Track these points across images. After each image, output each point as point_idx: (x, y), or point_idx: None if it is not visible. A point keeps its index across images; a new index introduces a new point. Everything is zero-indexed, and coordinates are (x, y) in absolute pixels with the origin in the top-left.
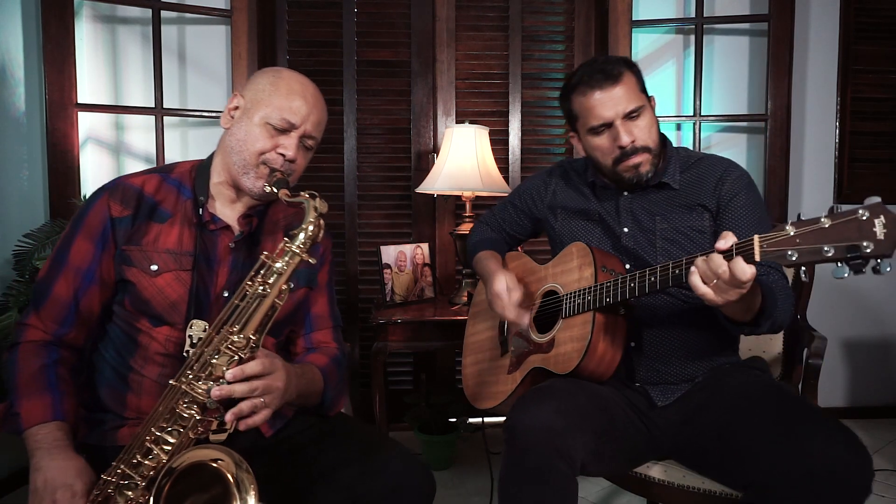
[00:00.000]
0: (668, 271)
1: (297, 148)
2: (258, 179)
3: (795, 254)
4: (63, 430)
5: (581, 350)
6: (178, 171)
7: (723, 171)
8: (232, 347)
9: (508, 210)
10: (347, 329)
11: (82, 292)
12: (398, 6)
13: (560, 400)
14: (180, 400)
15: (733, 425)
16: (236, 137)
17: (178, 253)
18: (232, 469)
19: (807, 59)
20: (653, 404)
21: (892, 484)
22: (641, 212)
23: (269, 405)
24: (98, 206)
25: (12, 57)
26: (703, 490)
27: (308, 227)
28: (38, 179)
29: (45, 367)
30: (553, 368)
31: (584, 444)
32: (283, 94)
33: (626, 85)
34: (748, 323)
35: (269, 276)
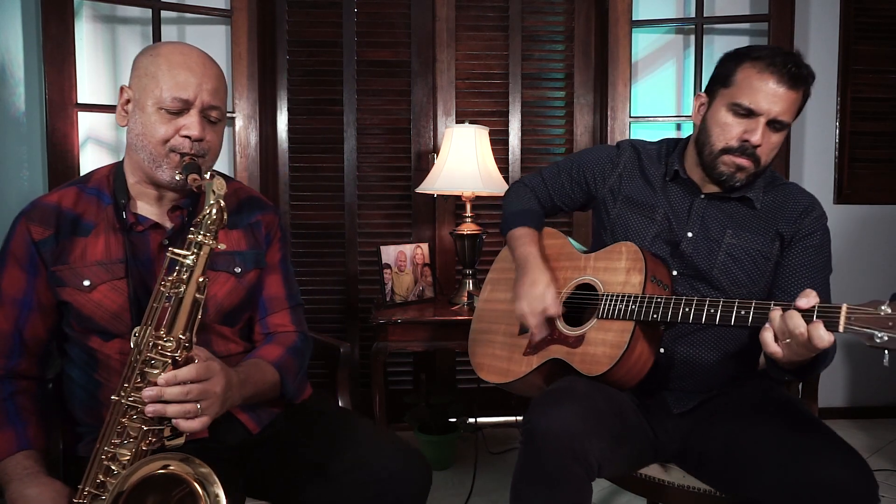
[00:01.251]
0: (733, 311)
1: (201, 124)
2: (172, 169)
3: (885, 336)
4: (32, 457)
5: (614, 357)
6: (95, 179)
7: (808, 204)
8: (164, 352)
9: (562, 179)
10: (347, 329)
11: (23, 322)
12: (398, 6)
13: (580, 403)
14: (126, 413)
15: (740, 437)
16: (135, 132)
17: (108, 262)
18: (186, 469)
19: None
20: (669, 411)
21: (892, 484)
22: (713, 220)
23: (206, 411)
24: (18, 233)
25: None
26: (703, 491)
27: (210, 211)
28: (38, 179)
29: (3, 402)
30: (577, 366)
31: (600, 448)
32: (165, 71)
33: (798, 97)
34: (793, 372)
35: (182, 272)
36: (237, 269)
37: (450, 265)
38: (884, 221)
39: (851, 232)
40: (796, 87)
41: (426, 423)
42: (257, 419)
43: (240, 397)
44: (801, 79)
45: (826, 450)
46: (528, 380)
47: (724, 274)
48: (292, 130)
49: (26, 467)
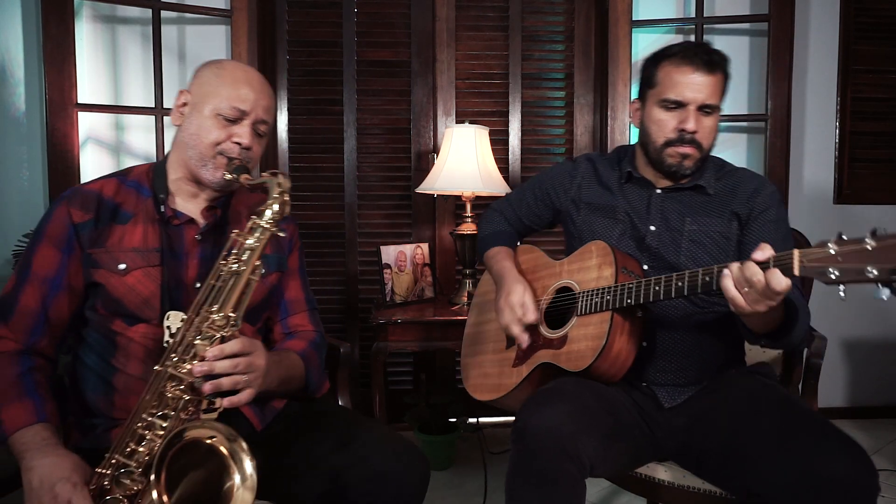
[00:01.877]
0: (698, 277)
1: (251, 135)
2: (217, 170)
3: (836, 272)
4: (49, 430)
5: (596, 349)
6: (134, 174)
7: (759, 184)
8: (212, 327)
9: (527, 199)
10: (347, 329)
11: (50, 300)
12: (398, 6)
13: (570, 402)
14: (167, 383)
15: (737, 433)
16: (189, 132)
17: (145, 250)
18: (225, 444)
19: (807, 59)
20: (659, 405)
21: (892, 484)
22: (672, 211)
23: (252, 384)
24: (58, 214)
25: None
26: (703, 490)
27: (274, 204)
28: (38, 179)
29: (22, 375)
30: (564, 365)
31: (593, 446)
32: (229, 83)
33: (718, 80)
34: (767, 335)
35: (241, 253)
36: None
37: (450, 265)
38: (884, 221)
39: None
40: (713, 71)
41: (426, 423)
42: (261, 416)
43: (275, 377)
44: (714, 63)
45: (825, 442)
46: (520, 390)
47: (691, 260)
48: (292, 130)
49: (44, 438)
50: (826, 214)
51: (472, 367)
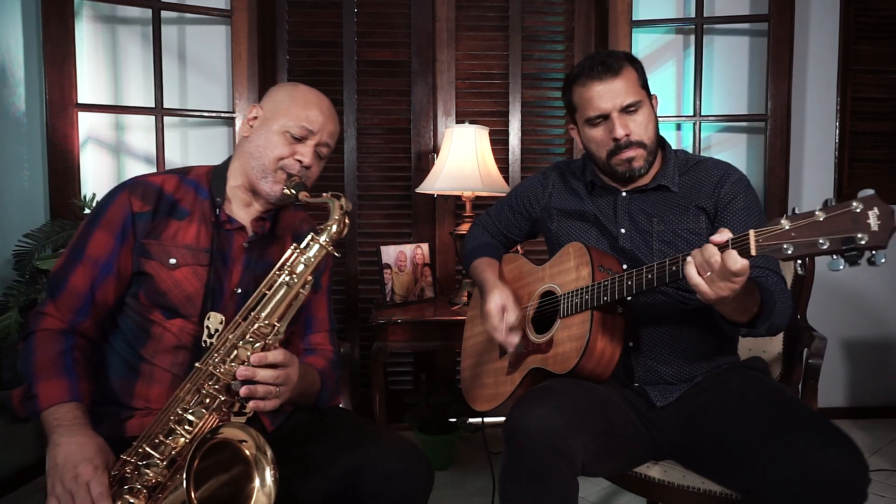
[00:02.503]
0: (666, 268)
1: (313, 155)
2: (276, 184)
3: (791, 247)
4: (80, 409)
5: (580, 349)
6: (194, 174)
7: (722, 174)
8: (257, 333)
9: (505, 212)
10: (347, 329)
11: (99, 283)
12: (398, 6)
13: (560, 400)
14: (206, 382)
15: (732, 428)
16: (256, 144)
17: (196, 249)
18: (253, 450)
19: (807, 59)
20: (652, 404)
21: (892, 484)
22: (639, 213)
23: (281, 395)
24: (119, 201)
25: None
26: (702, 490)
27: (333, 225)
28: (38, 179)
29: (62, 353)
30: (552, 368)
31: (584, 444)
32: (300, 105)
33: (625, 78)
34: (745, 324)
35: (296, 266)
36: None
37: (450, 265)
38: None
39: None
40: (614, 72)
41: (426, 423)
42: (272, 417)
43: (298, 389)
44: (612, 65)
45: (814, 434)
46: (515, 397)
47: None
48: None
49: (76, 416)
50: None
51: (471, 380)
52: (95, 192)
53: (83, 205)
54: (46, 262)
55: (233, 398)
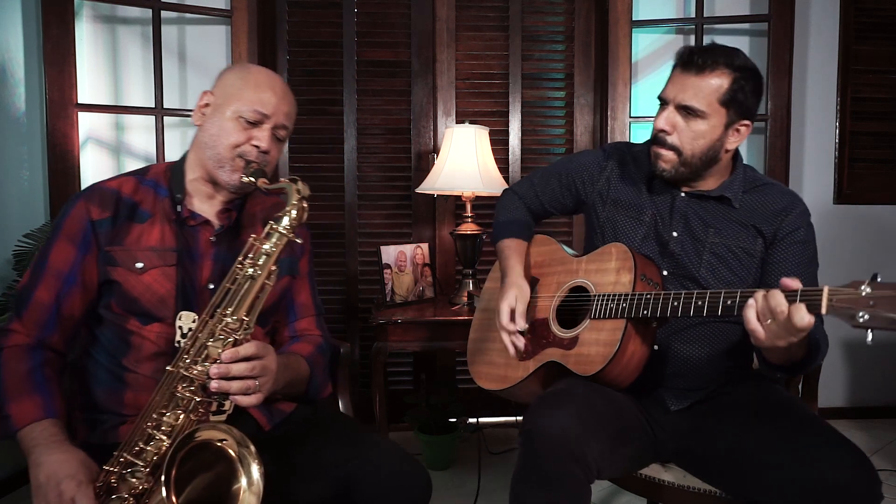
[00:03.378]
0: (720, 301)
1: (270, 139)
2: (234, 172)
3: (866, 316)
4: (57, 426)
5: (607, 356)
6: (152, 173)
7: (789, 203)
8: (226, 329)
9: (552, 183)
10: (347, 329)
11: (63, 296)
12: (398, 6)
13: (578, 405)
14: (178, 384)
15: (741, 437)
16: (209, 133)
17: (162, 250)
18: (235, 447)
19: (807, 59)
20: (665, 409)
21: (893, 484)
22: (695, 219)
23: (262, 387)
24: (76, 211)
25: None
26: (703, 491)
27: (292, 210)
28: (38, 179)
29: (32, 370)
30: (572, 367)
31: (600, 450)
32: (252, 87)
33: (707, 81)
34: (784, 368)
35: (258, 257)
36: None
37: (450, 265)
38: (884, 221)
39: (851, 232)
40: (698, 69)
41: (426, 423)
42: (269, 417)
43: (282, 380)
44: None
45: (827, 448)
46: (526, 385)
47: (711, 273)
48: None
49: (53, 434)
50: (826, 214)
51: (478, 354)
52: None
53: None
54: None
55: (209, 398)
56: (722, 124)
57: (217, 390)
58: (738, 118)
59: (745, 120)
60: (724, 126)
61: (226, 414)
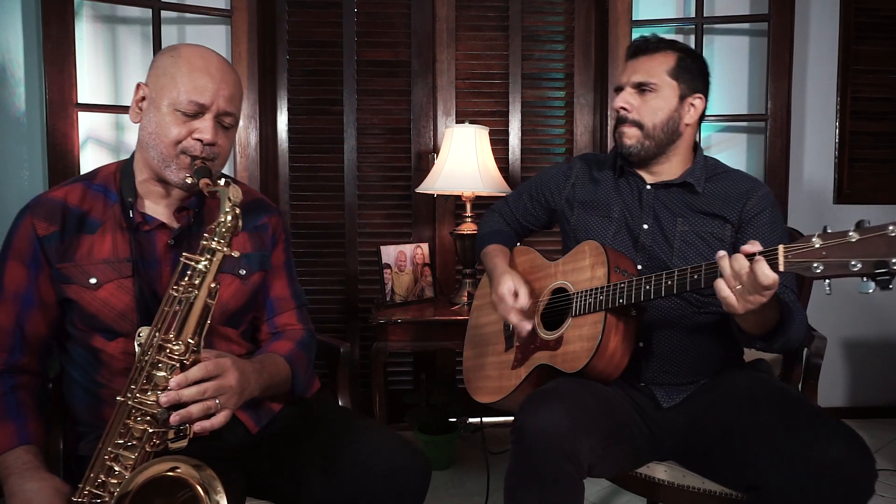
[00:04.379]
0: (687, 276)
1: (214, 129)
2: (181, 170)
3: (821, 266)
4: (31, 452)
5: (591, 350)
6: (101, 176)
7: (749, 187)
8: (173, 356)
9: (524, 200)
10: (347, 329)
11: (24, 317)
12: (398, 6)
13: (568, 402)
14: (131, 415)
15: (736, 427)
16: (148, 130)
17: (115, 261)
18: (193, 473)
19: (807, 59)
20: (658, 405)
21: (892, 484)
22: (663, 210)
23: (226, 405)
24: (23, 228)
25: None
26: (703, 490)
27: (225, 219)
28: (38, 179)
29: (3, 396)
30: (560, 366)
31: (590, 446)
32: (185, 73)
33: (654, 60)
34: (761, 338)
35: (194, 277)
36: (242, 272)
37: (450, 265)
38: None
39: None
40: (644, 51)
41: (426, 423)
42: (256, 419)
43: (258, 386)
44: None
45: (820, 430)
46: (520, 392)
47: (683, 260)
48: (292, 130)
49: (26, 462)
50: (826, 214)
51: (473, 370)
52: None
53: None
54: None
55: (164, 427)
56: (675, 96)
57: (179, 422)
58: (689, 92)
59: (696, 93)
60: (678, 98)
61: (186, 440)
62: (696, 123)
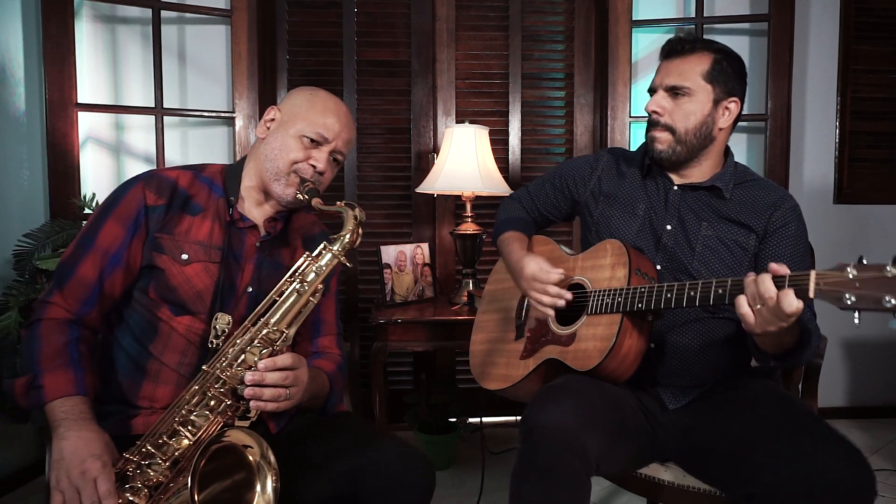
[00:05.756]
0: (711, 289)
1: (328, 161)
2: (288, 187)
3: (853, 298)
4: (87, 403)
5: (604, 350)
6: (209, 171)
7: (777, 198)
8: (266, 339)
9: (546, 188)
10: (347, 329)
11: (107, 274)
12: (398, 6)
13: (577, 399)
14: (212, 385)
15: (738, 434)
16: (272, 147)
17: (208, 245)
18: (257, 456)
19: (807, 59)
20: (663, 407)
21: (892, 484)
22: (688, 212)
23: (293, 397)
24: (133, 193)
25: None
26: (703, 490)
27: (347, 235)
28: (38, 179)
29: (68, 344)
30: (571, 363)
31: (598, 443)
32: (319, 110)
33: (689, 63)
34: (777, 357)
35: (307, 274)
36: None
37: (450, 265)
38: (884, 221)
39: (851, 232)
40: (678, 53)
41: (426, 423)
42: (277, 420)
43: (308, 392)
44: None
45: (822, 445)
46: (526, 383)
47: (704, 266)
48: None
49: (82, 411)
50: (826, 214)
51: (479, 355)
52: (95, 192)
53: (83, 205)
54: (46, 262)
55: (238, 402)
56: (710, 100)
57: (251, 396)
58: (724, 95)
59: (732, 97)
60: (712, 102)
61: (250, 420)
62: (730, 127)
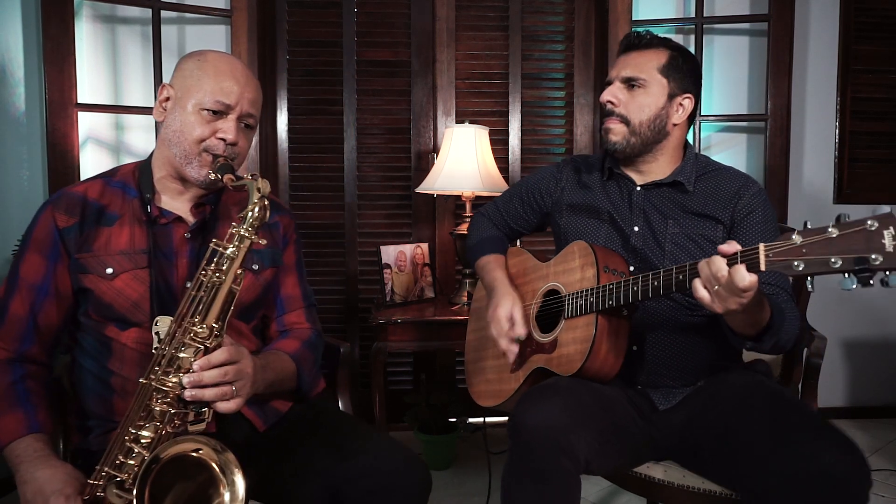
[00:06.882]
0: (672, 276)
1: (237, 130)
2: (202, 168)
3: (802, 264)
4: (41, 440)
5: (584, 352)
6: (120, 174)
7: (740, 186)
8: (196, 339)
9: (514, 203)
10: (347, 329)
11: (38, 308)
12: (398, 6)
13: (564, 398)
14: (153, 396)
15: (732, 428)
16: (172, 129)
17: (132, 252)
18: (213, 456)
19: (807, 59)
20: (654, 407)
21: (892, 484)
22: (654, 212)
23: (240, 392)
24: (43, 220)
25: (12, 57)
26: (702, 490)
27: (253, 209)
28: (38, 179)
29: (13, 384)
30: (556, 369)
31: (588, 442)
32: (211, 76)
33: (645, 56)
34: (751, 337)
35: (221, 262)
36: (255, 266)
37: (450, 265)
38: None
39: None
40: (635, 47)
41: (426, 423)
42: (264, 417)
43: (262, 381)
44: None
45: (816, 435)
46: (519, 395)
47: (673, 263)
48: (292, 130)
49: (37, 450)
50: (826, 214)
51: (474, 374)
52: None
53: None
54: None
55: (185, 408)
56: (664, 94)
57: (192, 399)
58: (679, 91)
59: (686, 94)
60: (666, 96)
61: (205, 423)
62: (684, 124)
